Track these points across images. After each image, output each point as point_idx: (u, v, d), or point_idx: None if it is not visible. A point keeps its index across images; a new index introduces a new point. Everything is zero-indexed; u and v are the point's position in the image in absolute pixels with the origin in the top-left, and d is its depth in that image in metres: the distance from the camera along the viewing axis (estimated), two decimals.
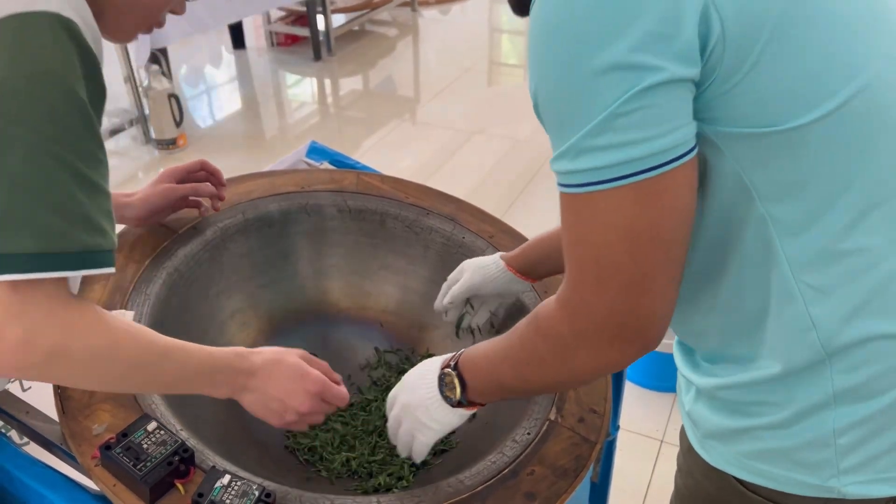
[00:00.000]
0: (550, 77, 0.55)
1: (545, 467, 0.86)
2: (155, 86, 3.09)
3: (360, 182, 1.25)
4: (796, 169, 0.58)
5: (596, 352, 0.62)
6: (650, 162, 0.54)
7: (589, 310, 0.60)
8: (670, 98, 0.53)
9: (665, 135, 0.54)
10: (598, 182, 0.55)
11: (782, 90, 0.56)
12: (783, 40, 0.55)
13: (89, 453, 0.77)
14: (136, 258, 1.03)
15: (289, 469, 0.95)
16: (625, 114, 0.52)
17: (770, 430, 0.68)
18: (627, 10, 0.51)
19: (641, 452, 1.88)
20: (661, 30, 0.52)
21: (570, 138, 0.55)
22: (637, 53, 0.52)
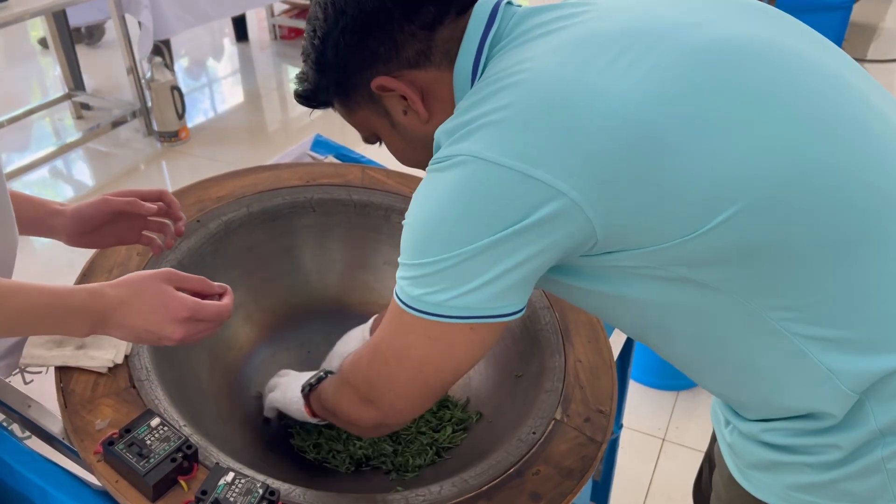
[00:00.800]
0: (415, 223, 0.65)
1: (551, 467, 0.85)
2: (158, 78, 3.08)
3: (366, 176, 1.24)
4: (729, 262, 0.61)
5: (349, 402, 0.76)
6: (442, 310, 0.63)
7: (357, 374, 0.74)
8: (492, 271, 0.61)
9: (471, 294, 0.62)
10: (405, 303, 0.65)
11: (667, 219, 0.60)
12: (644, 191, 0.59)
13: (92, 449, 0.76)
14: (139, 251, 1.02)
15: (293, 466, 0.94)
16: (447, 268, 0.61)
17: (817, 467, 0.67)
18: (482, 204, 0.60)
19: (644, 451, 1.88)
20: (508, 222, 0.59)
21: (407, 261, 0.65)
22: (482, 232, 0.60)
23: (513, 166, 0.58)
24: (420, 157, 0.77)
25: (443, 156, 0.63)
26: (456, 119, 0.64)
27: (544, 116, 0.59)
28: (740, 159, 0.58)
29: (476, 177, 0.60)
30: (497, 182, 0.59)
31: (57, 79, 3.63)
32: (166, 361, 0.91)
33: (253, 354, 1.09)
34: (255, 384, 1.06)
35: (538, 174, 0.58)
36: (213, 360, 1.03)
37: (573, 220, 0.59)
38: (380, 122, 0.76)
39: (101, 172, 3.14)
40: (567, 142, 0.58)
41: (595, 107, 0.58)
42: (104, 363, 0.84)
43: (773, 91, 0.61)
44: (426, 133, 0.72)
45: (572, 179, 0.58)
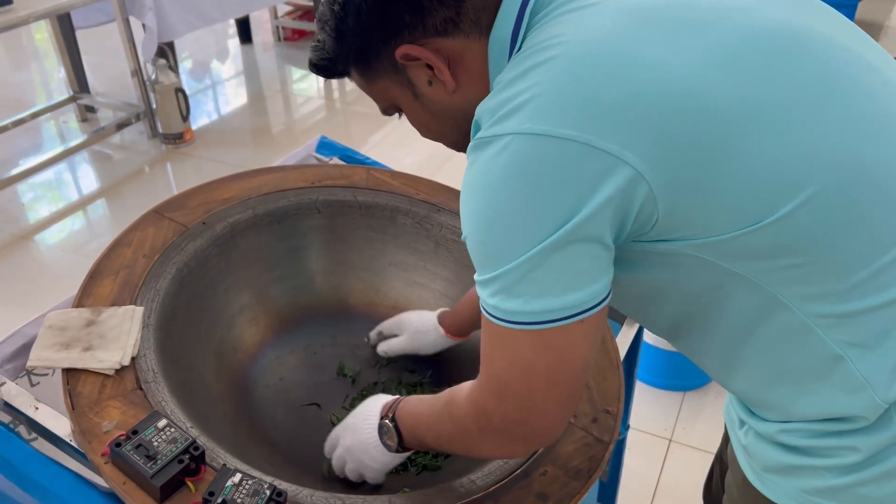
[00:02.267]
0: (477, 226, 0.60)
1: (558, 468, 0.85)
2: (162, 80, 3.09)
3: (371, 178, 1.24)
4: (789, 255, 0.59)
5: (493, 443, 0.69)
6: (547, 315, 0.58)
7: (488, 415, 0.66)
8: (582, 259, 0.57)
9: (567, 293, 0.58)
10: (504, 320, 0.60)
11: (731, 206, 0.57)
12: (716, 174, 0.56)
13: (99, 450, 0.76)
14: (145, 253, 1.02)
15: (300, 467, 0.94)
16: (533, 269, 0.57)
17: (835, 470, 0.66)
18: (546, 181, 0.55)
19: (650, 452, 1.87)
20: (574, 199, 0.55)
21: (485, 275, 0.60)
22: (550, 221, 0.56)
23: (575, 137, 0.54)
24: (444, 130, 0.74)
25: (488, 135, 0.58)
26: (499, 94, 0.59)
27: (602, 85, 0.55)
28: (810, 148, 0.56)
29: (535, 154, 0.55)
30: (560, 156, 0.54)
31: (61, 81, 3.64)
32: (173, 364, 0.91)
33: (259, 355, 1.09)
34: (262, 385, 1.06)
35: (604, 144, 0.54)
36: (220, 362, 1.03)
37: (640, 194, 0.55)
38: (401, 93, 0.72)
39: (105, 175, 3.15)
40: (630, 112, 0.54)
41: (657, 79, 0.55)
42: (111, 365, 0.84)
43: (833, 85, 0.59)
44: (452, 104, 0.70)
45: (638, 150, 0.54)
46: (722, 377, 0.74)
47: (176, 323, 0.97)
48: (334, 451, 0.89)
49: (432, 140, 0.78)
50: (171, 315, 0.97)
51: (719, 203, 0.57)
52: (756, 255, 0.59)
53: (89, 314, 0.91)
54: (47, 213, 2.88)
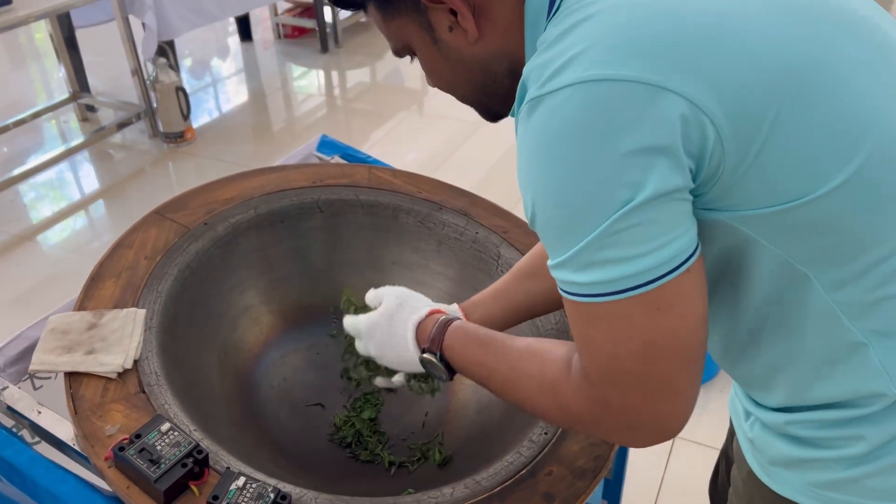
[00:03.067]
0: (548, 191, 0.55)
1: (563, 467, 0.84)
2: (162, 79, 3.08)
3: (373, 176, 1.23)
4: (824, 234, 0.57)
5: (614, 435, 0.63)
6: (654, 273, 0.53)
7: (610, 409, 0.60)
8: (666, 210, 0.53)
9: (665, 246, 0.53)
10: (604, 294, 0.55)
11: (791, 170, 0.54)
12: (786, 128, 0.53)
13: (102, 454, 0.76)
14: (147, 255, 1.01)
15: (305, 468, 0.94)
16: (622, 230, 0.52)
17: (843, 461, 0.66)
18: (617, 128, 0.51)
19: (655, 448, 1.86)
20: (651, 145, 0.51)
21: (568, 250, 0.55)
22: (627, 170, 0.52)
23: (643, 78, 0.50)
24: (457, 80, 0.70)
25: (544, 91, 0.53)
26: (547, 51, 0.55)
27: (665, 25, 0.52)
28: (868, 113, 0.55)
29: (602, 100, 0.51)
30: (630, 100, 0.51)
31: (61, 81, 3.64)
32: (175, 366, 0.91)
33: (262, 356, 1.09)
34: (265, 386, 1.06)
35: (673, 84, 0.51)
36: (223, 363, 1.03)
37: (711, 138, 0.52)
38: (419, 36, 0.67)
39: (107, 174, 3.14)
40: (698, 51, 0.51)
41: (731, 22, 0.53)
42: (114, 368, 0.84)
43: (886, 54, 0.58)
44: (470, 54, 0.66)
45: (707, 91, 0.51)
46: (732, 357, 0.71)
47: (178, 325, 0.97)
48: (356, 341, 0.86)
49: (441, 89, 0.73)
50: (173, 317, 0.96)
51: (782, 163, 0.54)
52: (798, 231, 0.57)
53: (91, 317, 0.91)
54: (49, 213, 2.88)
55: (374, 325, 0.82)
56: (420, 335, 0.79)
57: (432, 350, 0.77)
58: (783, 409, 0.70)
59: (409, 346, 0.79)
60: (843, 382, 0.64)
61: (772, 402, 0.71)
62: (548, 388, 0.65)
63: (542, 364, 0.67)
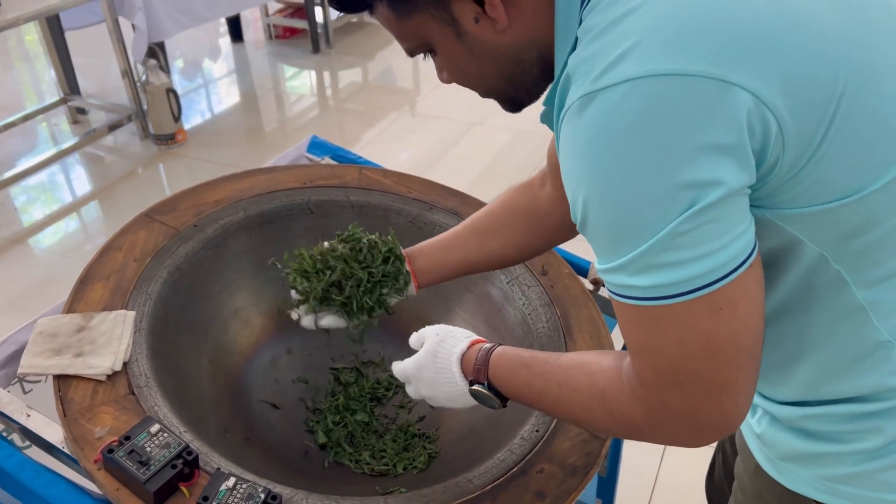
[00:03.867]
0: (605, 192, 0.53)
1: (555, 465, 0.85)
2: (153, 81, 3.07)
3: (363, 177, 1.23)
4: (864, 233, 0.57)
5: (673, 439, 0.61)
6: (718, 273, 0.52)
7: (669, 412, 0.58)
8: (730, 209, 0.52)
9: (729, 245, 0.52)
10: (666, 297, 0.53)
11: (844, 168, 0.54)
12: (844, 124, 0.52)
13: (92, 457, 0.76)
14: (136, 257, 1.01)
15: (294, 470, 0.94)
16: (687, 231, 0.50)
17: (857, 455, 0.65)
18: (684, 125, 0.49)
19: (648, 446, 1.86)
20: (718, 143, 0.50)
21: (626, 254, 0.53)
22: (695, 169, 0.50)
23: (708, 73, 0.48)
24: (484, 73, 0.67)
25: (598, 87, 0.51)
26: (594, 43, 0.53)
27: (726, 14, 0.50)
28: None
29: (666, 98, 0.49)
30: (695, 96, 0.48)
31: (52, 83, 3.62)
32: (165, 368, 0.90)
33: (254, 358, 1.09)
34: (257, 387, 1.06)
35: (739, 79, 0.48)
36: (214, 366, 1.02)
37: (773, 133, 0.50)
38: (441, 31, 0.64)
39: (98, 177, 3.13)
40: (762, 43, 0.49)
41: (788, 15, 0.51)
42: (103, 371, 0.84)
43: None
44: (499, 44, 0.63)
45: (774, 87, 0.49)
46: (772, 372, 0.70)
47: (168, 327, 0.97)
48: (407, 386, 0.83)
49: (463, 85, 0.70)
50: (163, 319, 0.96)
51: (837, 161, 0.53)
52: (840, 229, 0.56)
53: (80, 320, 0.91)
54: (41, 215, 2.87)
55: (421, 367, 0.79)
56: (465, 367, 0.76)
57: (479, 381, 0.74)
58: (797, 404, 0.69)
59: (457, 380, 0.76)
60: (865, 378, 0.63)
61: (785, 396, 0.70)
62: (598, 398, 0.64)
63: (590, 376, 0.65)
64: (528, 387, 0.71)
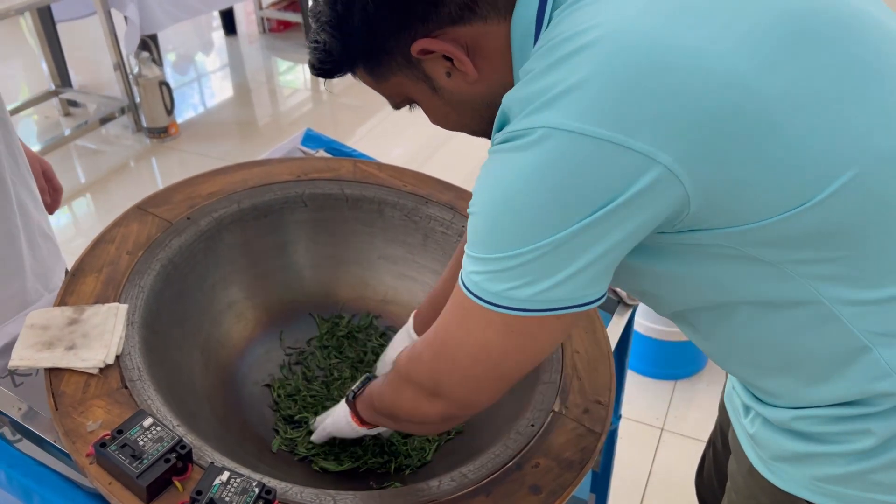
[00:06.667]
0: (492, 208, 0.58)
1: (550, 459, 0.84)
2: (145, 73, 3.05)
3: (358, 170, 1.22)
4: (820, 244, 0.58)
5: (410, 398, 0.72)
6: (532, 304, 0.58)
7: (420, 367, 0.69)
8: (586, 255, 0.56)
9: (556, 288, 0.57)
10: (481, 298, 0.60)
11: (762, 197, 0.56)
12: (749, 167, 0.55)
13: (84, 451, 0.75)
14: (129, 249, 1.00)
15: (289, 464, 0.93)
16: (536, 259, 0.56)
17: (848, 456, 0.66)
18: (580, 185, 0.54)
19: (642, 441, 1.87)
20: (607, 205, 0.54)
21: (482, 253, 0.59)
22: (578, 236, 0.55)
23: (609, 137, 0.52)
24: (464, 120, 0.71)
25: (518, 129, 0.56)
26: (530, 85, 0.57)
27: (639, 79, 0.53)
28: (849, 135, 0.55)
29: (566, 152, 0.53)
30: (591, 156, 0.53)
31: (43, 75, 3.60)
32: (159, 362, 0.90)
33: (247, 351, 1.08)
34: (250, 382, 1.05)
35: (637, 145, 0.52)
36: (207, 359, 1.02)
37: (670, 193, 0.54)
38: (417, 88, 0.68)
39: (90, 170, 3.11)
40: (666, 107, 0.52)
41: (694, 69, 0.53)
42: (95, 364, 0.83)
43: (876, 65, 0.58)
44: (473, 94, 0.67)
45: (672, 148, 0.52)
46: (729, 363, 0.72)
47: (161, 320, 0.96)
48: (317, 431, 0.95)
49: (451, 130, 0.75)
50: (156, 312, 0.95)
51: (756, 193, 0.55)
52: (787, 243, 0.58)
53: (72, 312, 0.90)
54: None
55: None
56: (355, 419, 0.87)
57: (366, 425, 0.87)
58: (788, 407, 0.69)
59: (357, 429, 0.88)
60: (850, 384, 0.64)
61: (775, 401, 0.71)
62: (392, 380, 0.76)
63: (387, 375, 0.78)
64: (373, 413, 0.83)
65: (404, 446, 0.96)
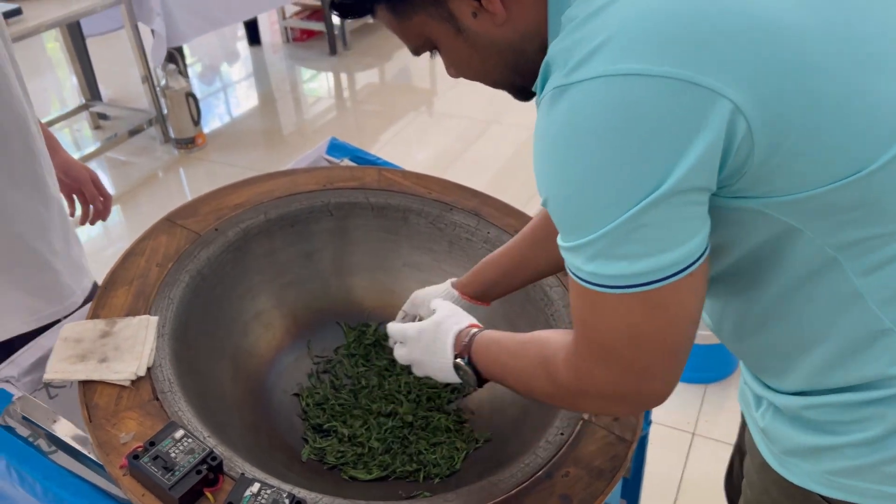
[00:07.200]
0: (565, 183, 0.55)
1: (580, 468, 0.84)
2: (172, 85, 3.09)
3: (382, 178, 1.22)
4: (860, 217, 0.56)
5: (598, 406, 0.69)
6: (656, 275, 0.54)
7: (595, 383, 0.62)
8: (684, 211, 0.53)
9: (674, 248, 0.54)
10: (606, 286, 0.56)
11: (828, 158, 0.54)
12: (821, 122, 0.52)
13: (117, 462, 0.76)
14: (158, 262, 1.01)
15: (318, 473, 0.94)
16: (637, 227, 0.52)
17: (859, 447, 0.65)
18: (646, 127, 0.50)
19: (673, 446, 1.85)
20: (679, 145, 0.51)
21: (579, 238, 0.55)
22: (653, 171, 0.51)
23: (673, 74, 0.49)
24: (487, 67, 0.67)
25: (571, 81, 0.52)
26: (574, 33, 0.53)
27: (696, 14, 0.50)
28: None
29: (630, 98, 0.50)
30: (659, 98, 0.49)
31: (73, 89, 3.67)
32: (189, 373, 0.91)
33: (275, 360, 1.09)
34: (279, 391, 1.06)
35: (704, 80, 0.49)
36: (236, 369, 1.02)
37: (740, 133, 0.51)
38: (440, 29, 0.65)
39: (120, 181, 3.16)
40: (730, 42, 0.49)
41: (749, 11, 0.50)
42: (127, 376, 0.84)
43: None
44: (499, 37, 0.64)
45: (740, 84, 0.50)
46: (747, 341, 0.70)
47: (191, 331, 0.97)
48: (398, 347, 0.88)
49: (471, 79, 0.70)
50: (185, 323, 0.96)
51: (814, 152, 0.53)
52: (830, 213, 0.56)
53: (104, 325, 0.91)
54: None
55: (423, 332, 0.85)
56: (457, 344, 0.81)
57: (462, 356, 0.80)
58: (799, 393, 0.68)
59: (448, 351, 0.81)
60: (868, 367, 0.63)
61: (787, 386, 0.69)
62: (542, 365, 0.69)
63: (541, 346, 0.70)
64: (496, 362, 0.77)
65: (433, 455, 0.96)
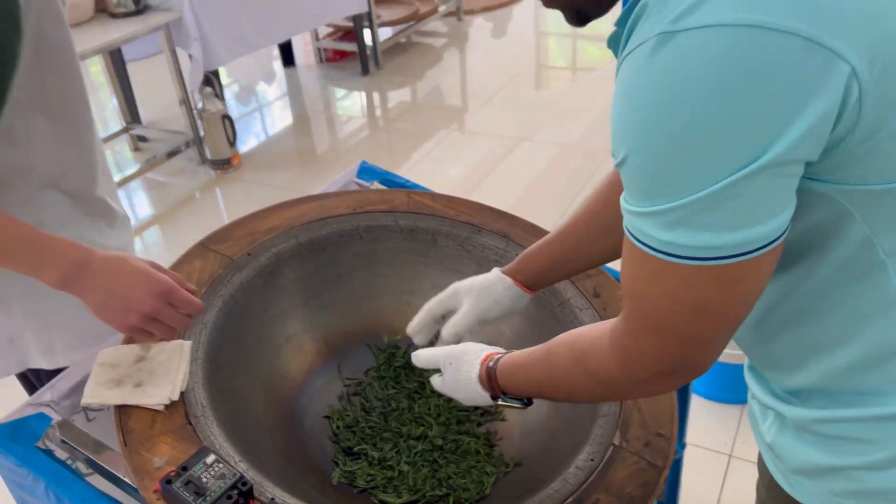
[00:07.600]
0: (660, 139, 0.49)
1: (611, 495, 0.83)
2: (209, 108, 3.16)
3: (412, 201, 1.23)
4: None
5: (646, 388, 0.65)
6: (741, 248, 0.51)
7: (645, 359, 0.61)
8: (780, 183, 0.50)
9: (763, 222, 0.50)
10: (680, 256, 0.52)
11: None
12: None
13: (151, 487, 0.77)
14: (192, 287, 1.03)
15: (349, 497, 0.94)
16: (729, 197, 0.49)
17: (867, 471, 0.63)
18: (764, 86, 0.46)
19: (709, 468, 1.81)
20: (794, 110, 0.46)
21: (660, 204, 0.51)
22: (759, 135, 0.47)
23: (800, 31, 0.45)
24: None
25: (679, 28, 0.47)
26: None
27: None
28: None
29: (750, 52, 0.45)
30: (780, 54, 0.45)
31: (114, 112, 3.77)
32: (221, 396, 0.92)
33: (306, 383, 1.10)
34: (311, 413, 1.07)
35: (832, 43, 0.45)
36: (268, 392, 1.04)
37: (851, 100, 0.47)
38: None
39: (159, 202, 3.24)
40: (859, 13, 0.46)
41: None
42: (160, 400, 0.86)
43: None
44: None
45: (864, 56, 0.46)
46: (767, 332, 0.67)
47: (223, 355, 0.98)
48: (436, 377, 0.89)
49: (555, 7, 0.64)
50: (218, 347, 0.98)
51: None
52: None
53: (139, 350, 0.93)
54: None
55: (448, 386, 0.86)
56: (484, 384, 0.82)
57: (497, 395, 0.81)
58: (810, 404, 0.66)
59: (484, 394, 0.82)
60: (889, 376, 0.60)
61: (796, 383, 0.67)
62: (579, 363, 0.68)
63: (571, 346, 0.70)
64: (529, 384, 0.77)
65: (462, 479, 0.96)
